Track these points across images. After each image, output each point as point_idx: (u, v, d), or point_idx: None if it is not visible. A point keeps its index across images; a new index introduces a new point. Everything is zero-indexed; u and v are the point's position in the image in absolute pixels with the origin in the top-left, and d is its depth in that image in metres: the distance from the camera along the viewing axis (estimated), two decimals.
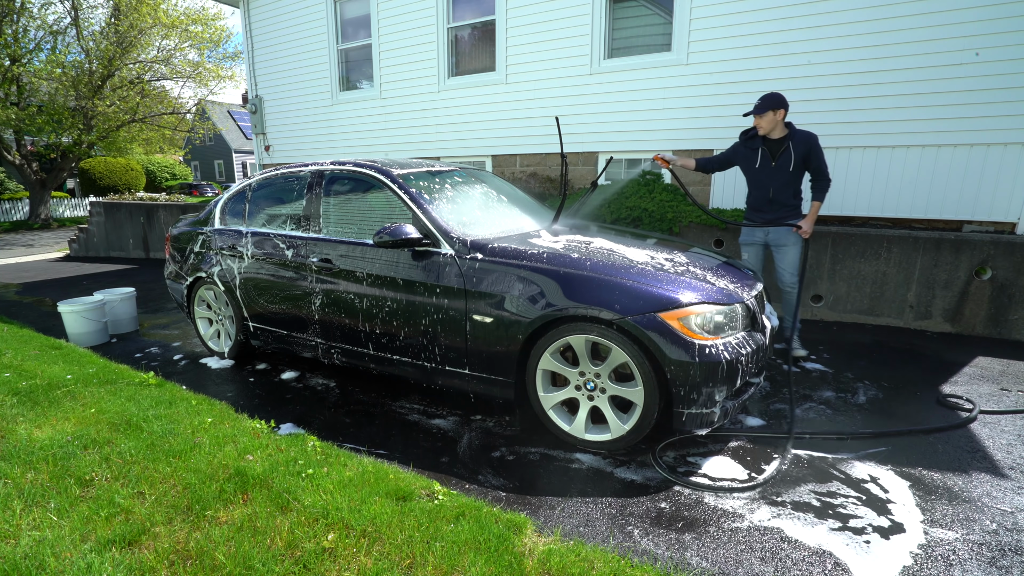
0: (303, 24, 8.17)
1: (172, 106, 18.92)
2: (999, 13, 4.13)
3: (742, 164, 3.74)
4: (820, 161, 3.53)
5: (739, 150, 3.74)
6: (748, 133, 3.70)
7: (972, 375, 3.48)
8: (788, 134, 3.54)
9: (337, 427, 2.96)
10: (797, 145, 3.50)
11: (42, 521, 2.00)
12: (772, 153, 3.58)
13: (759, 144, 3.61)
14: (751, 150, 3.66)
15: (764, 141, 3.60)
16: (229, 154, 35.83)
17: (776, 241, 3.69)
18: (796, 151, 3.50)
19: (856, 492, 2.24)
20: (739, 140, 3.76)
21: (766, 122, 3.49)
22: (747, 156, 3.69)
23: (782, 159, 3.54)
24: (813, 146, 3.51)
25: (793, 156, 3.50)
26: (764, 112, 3.47)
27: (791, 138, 3.52)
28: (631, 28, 5.77)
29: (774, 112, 3.46)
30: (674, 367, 2.31)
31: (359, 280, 3.13)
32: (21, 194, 20.22)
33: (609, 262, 2.59)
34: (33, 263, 9.83)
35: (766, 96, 3.47)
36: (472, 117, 6.90)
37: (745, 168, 3.73)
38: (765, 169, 3.61)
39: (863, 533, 1.98)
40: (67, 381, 3.39)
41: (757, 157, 3.62)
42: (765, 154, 3.59)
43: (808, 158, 3.52)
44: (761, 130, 3.55)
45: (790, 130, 3.55)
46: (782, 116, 3.48)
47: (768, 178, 3.61)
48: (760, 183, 3.65)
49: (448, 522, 1.97)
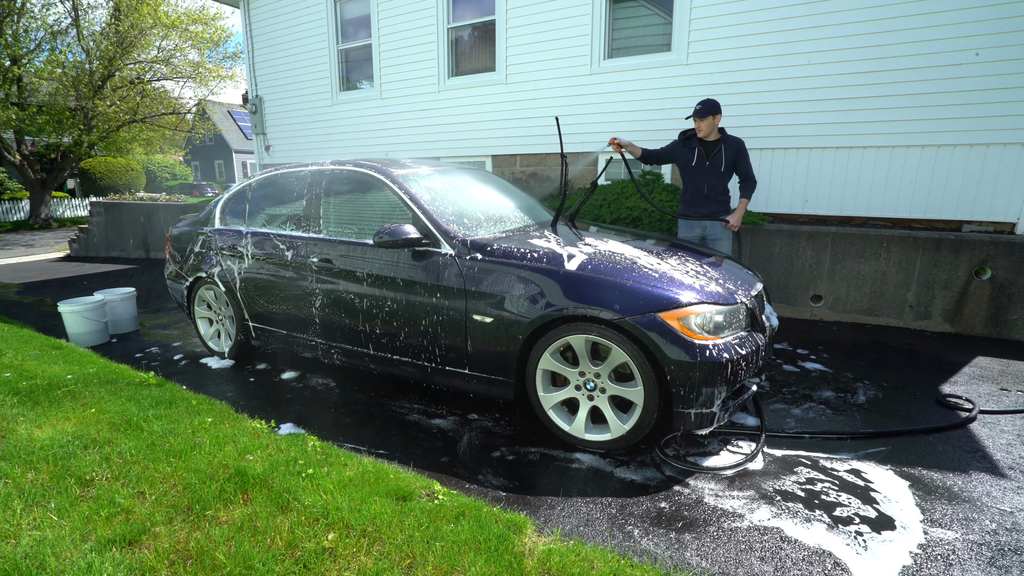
0: (303, 24, 8.17)
1: (172, 106, 18.91)
2: (999, 13, 4.13)
3: (680, 161, 4.07)
4: (747, 164, 3.94)
5: (678, 148, 4.07)
6: (686, 134, 4.04)
7: (972, 375, 3.48)
8: (721, 137, 3.92)
9: (337, 427, 2.96)
10: (728, 148, 3.89)
11: (42, 521, 2.00)
12: (707, 153, 3.93)
13: (696, 144, 3.95)
14: (689, 149, 3.99)
15: (701, 142, 3.94)
16: (229, 154, 35.83)
17: (712, 235, 4.05)
18: (727, 153, 3.89)
19: (855, 492, 2.24)
20: (678, 139, 4.09)
21: (706, 125, 3.84)
22: (685, 154, 4.02)
23: (715, 159, 3.91)
24: (741, 150, 3.91)
25: (724, 157, 3.89)
26: (705, 116, 3.79)
27: (723, 141, 3.91)
28: (631, 28, 5.77)
29: (713, 117, 3.81)
30: (674, 367, 2.31)
31: (359, 280, 3.13)
32: (21, 194, 20.22)
33: (609, 262, 2.60)
34: (33, 263, 9.83)
35: (707, 101, 3.80)
36: (472, 117, 6.91)
37: (682, 165, 4.06)
38: (700, 168, 3.96)
39: (862, 533, 1.99)
40: (67, 381, 3.40)
41: (694, 156, 3.96)
42: (701, 154, 3.94)
43: (737, 161, 3.91)
44: (700, 132, 3.89)
45: (723, 134, 3.94)
46: (718, 121, 3.86)
47: (703, 176, 3.97)
48: (695, 180, 4.00)
49: (448, 522, 1.97)
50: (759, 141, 5.21)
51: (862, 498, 2.20)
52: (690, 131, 4.01)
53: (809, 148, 5.05)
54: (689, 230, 4.12)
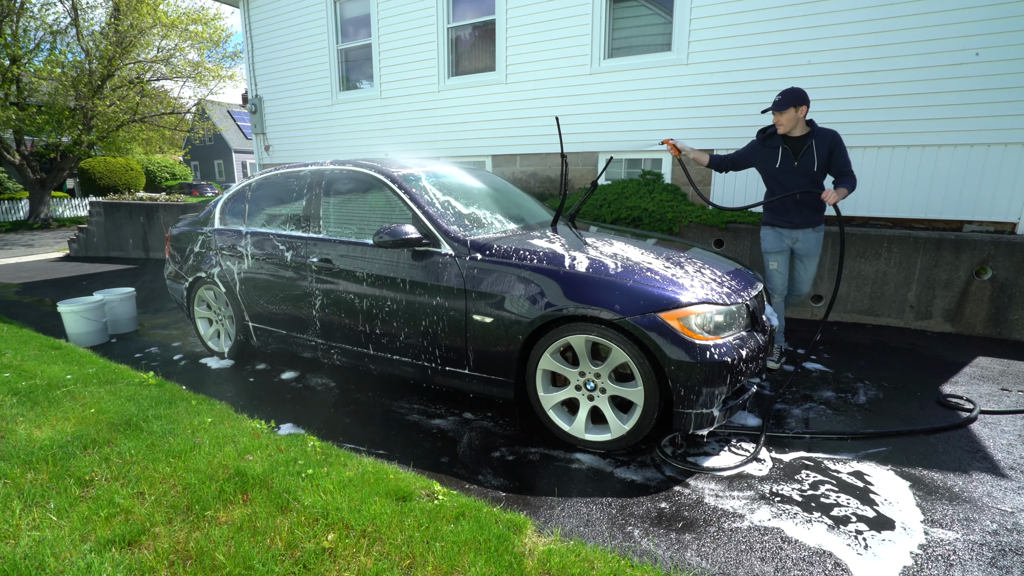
0: (303, 24, 8.16)
1: (172, 106, 18.91)
2: (999, 13, 4.13)
3: (760, 165, 3.49)
4: (844, 160, 3.27)
5: (757, 149, 3.48)
6: (766, 131, 3.44)
7: (972, 375, 3.48)
8: (810, 132, 3.30)
9: (337, 427, 2.96)
10: (820, 143, 3.26)
11: (42, 521, 2.00)
12: (794, 152, 3.32)
13: (779, 143, 3.36)
14: (770, 149, 3.40)
15: (785, 140, 3.35)
16: (229, 154, 35.83)
17: (802, 249, 3.48)
18: (819, 150, 3.26)
19: (856, 492, 2.24)
20: (756, 138, 3.49)
21: (787, 119, 3.25)
22: (767, 156, 3.43)
23: (804, 159, 3.30)
24: (836, 144, 3.26)
25: (816, 155, 3.27)
26: (785, 108, 3.22)
27: (813, 136, 3.28)
28: (631, 28, 5.77)
29: (795, 108, 3.21)
30: (674, 367, 2.30)
31: (359, 280, 3.13)
32: (21, 194, 20.20)
33: (609, 262, 2.59)
34: (33, 263, 9.83)
35: (787, 91, 3.22)
36: (472, 117, 6.90)
37: (764, 169, 3.48)
38: (787, 170, 3.36)
39: (863, 533, 1.98)
40: (67, 381, 3.39)
41: (778, 157, 3.37)
42: (787, 154, 3.34)
43: (832, 157, 3.28)
44: (781, 128, 3.30)
45: (812, 128, 3.31)
46: (804, 113, 3.24)
47: (791, 180, 3.36)
48: (782, 185, 3.40)
49: (448, 522, 1.97)
50: None
51: (862, 498, 2.19)
52: (770, 128, 3.41)
53: None
54: (777, 241, 3.51)
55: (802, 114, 3.24)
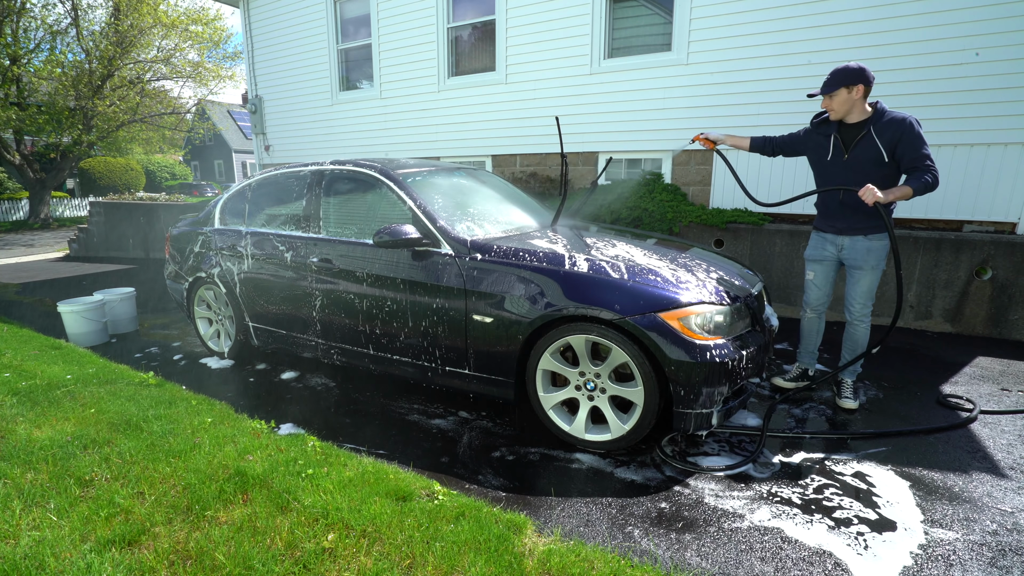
0: (303, 24, 8.16)
1: (172, 106, 18.92)
2: (999, 13, 4.13)
3: (811, 155, 2.95)
4: (914, 151, 2.59)
5: (810, 136, 2.94)
6: (820, 116, 2.90)
7: (972, 375, 3.48)
8: (870, 118, 2.69)
9: (337, 427, 2.96)
10: (883, 132, 2.64)
11: (42, 521, 2.00)
12: (846, 143, 2.77)
13: (832, 130, 2.81)
14: (822, 137, 2.86)
15: (839, 128, 2.80)
16: (229, 154, 35.81)
17: (851, 260, 2.89)
18: (882, 139, 2.64)
19: (856, 492, 2.24)
20: (810, 125, 2.96)
21: (838, 103, 2.69)
22: (817, 146, 2.89)
23: (858, 151, 2.72)
24: (905, 133, 2.60)
25: (878, 145, 2.65)
26: (834, 90, 2.66)
27: (872, 123, 2.67)
28: (631, 28, 5.77)
29: (848, 89, 2.63)
30: (674, 367, 2.30)
31: (359, 280, 3.13)
32: (21, 194, 20.21)
33: (609, 262, 2.59)
34: (33, 263, 9.83)
35: (838, 70, 2.66)
36: (472, 117, 6.90)
37: (814, 161, 2.95)
38: (837, 163, 2.81)
39: (863, 533, 1.98)
40: (67, 381, 3.39)
41: (828, 148, 2.82)
42: (837, 144, 2.79)
43: (897, 149, 2.62)
44: (833, 114, 2.75)
45: (875, 112, 2.69)
46: (860, 94, 2.64)
47: (839, 176, 2.81)
48: (829, 183, 2.87)
49: (448, 522, 1.97)
50: None
51: (862, 499, 2.19)
52: (824, 112, 2.86)
53: None
54: (818, 247, 3.03)
55: (857, 95, 2.64)
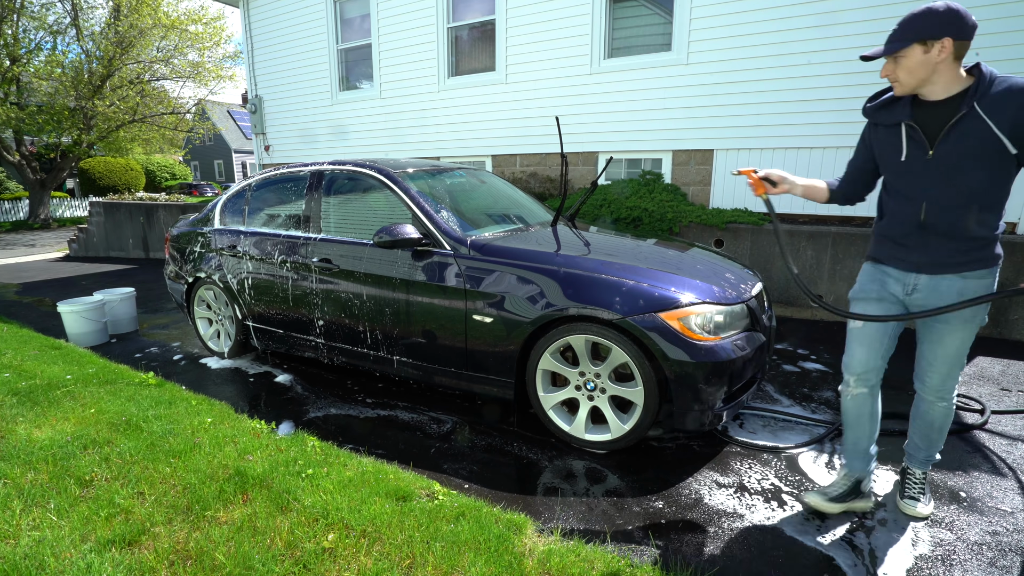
0: (303, 24, 8.17)
1: (172, 106, 18.90)
2: (999, 13, 4.13)
3: (882, 158, 1.88)
4: None
5: (874, 135, 1.90)
6: (880, 96, 1.89)
7: (972, 375, 3.48)
8: (970, 88, 1.67)
9: (337, 427, 2.96)
10: (993, 108, 1.62)
11: (42, 521, 2.00)
12: (928, 133, 1.74)
13: (903, 116, 1.77)
14: (890, 128, 1.83)
15: (914, 109, 1.77)
16: (229, 154, 35.83)
17: (924, 304, 1.86)
18: (996, 118, 1.62)
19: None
20: (867, 113, 1.91)
21: (907, 70, 1.69)
22: (886, 141, 1.85)
23: (953, 141, 1.69)
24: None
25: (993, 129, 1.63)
26: (903, 47, 1.66)
27: (978, 96, 1.64)
28: (631, 28, 5.77)
29: (924, 46, 1.64)
30: (674, 367, 2.30)
31: (359, 280, 3.13)
32: (21, 194, 20.22)
33: (609, 262, 2.59)
34: (33, 263, 9.83)
35: (914, 14, 1.65)
36: (472, 117, 6.91)
37: (886, 164, 1.87)
38: (916, 163, 1.77)
39: (863, 533, 1.98)
40: (67, 381, 3.39)
41: (901, 143, 1.80)
42: (914, 135, 1.76)
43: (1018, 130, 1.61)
44: (898, 87, 1.75)
45: (979, 79, 1.66)
46: (948, 52, 1.62)
47: (919, 180, 1.78)
48: (904, 195, 1.83)
49: (448, 522, 1.97)
50: (758, 141, 5.21)
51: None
52: (887, 90, 1.87)
53: (809, 148, 5.05)
54: (874, 282, 1.99)
55: (943, 55, 1.63)
